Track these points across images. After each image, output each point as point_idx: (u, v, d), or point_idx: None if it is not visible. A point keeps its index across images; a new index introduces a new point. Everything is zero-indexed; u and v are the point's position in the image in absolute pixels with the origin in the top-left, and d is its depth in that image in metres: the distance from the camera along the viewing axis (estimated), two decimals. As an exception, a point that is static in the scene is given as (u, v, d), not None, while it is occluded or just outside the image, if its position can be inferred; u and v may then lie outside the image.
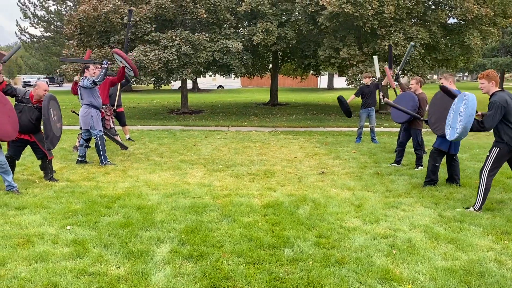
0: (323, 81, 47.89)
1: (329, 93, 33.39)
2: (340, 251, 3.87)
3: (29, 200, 5.28)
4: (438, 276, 3.40)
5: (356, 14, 13.70)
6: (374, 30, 14.63)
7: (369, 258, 3.72)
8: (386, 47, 14.16)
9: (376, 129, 10.56)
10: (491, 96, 4.88)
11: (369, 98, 9.90)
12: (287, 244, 4.02)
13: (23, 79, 52.16)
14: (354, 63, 15.02)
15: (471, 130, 4.95)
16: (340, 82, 40.86)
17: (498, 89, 4.89)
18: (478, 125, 4.91)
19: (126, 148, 8.73)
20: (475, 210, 4.94)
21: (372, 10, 13.71)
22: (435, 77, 68.89)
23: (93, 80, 7.27)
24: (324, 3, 13.85)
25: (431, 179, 6.07)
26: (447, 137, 5.28)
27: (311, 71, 22.32)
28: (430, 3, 16.62)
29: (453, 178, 6.20)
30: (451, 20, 16.64)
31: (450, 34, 16.23)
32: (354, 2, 13.56)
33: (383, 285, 3.28)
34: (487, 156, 4.99)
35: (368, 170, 7.19)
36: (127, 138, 10.19)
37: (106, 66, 7.40)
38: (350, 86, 16.51)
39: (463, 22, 15.69)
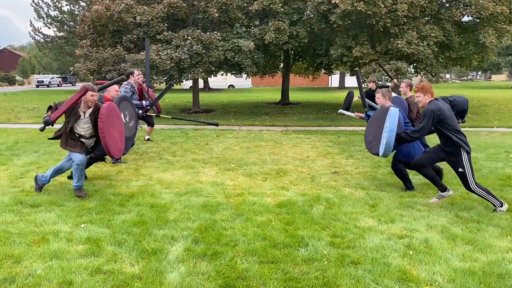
0: (334, 80, 47.81)
1: (341, 92, 33.17)
2: (355, 251, 3.82)
3: (43, 198, 5.31)
4: (456, 277, 3.33)
5: (368, 12, 13.57)
6: (387, 28, 14.47)
7: (385, 258, 3.66)
8: (400, 45, 14.00)
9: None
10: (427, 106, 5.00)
11: (374, 102, 9.76)
12: (301, 243, 3.98)
13: (37, 78, 52.87)
14: (367, 61, 14.89)
15: (401, 141, 5.19)
16: (351, 81, 40.74)
17: (432, 99, 5.00)
18: (407, 136, 5.04)
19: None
20: (498, 207, 4.86)
21: (385, 8, 13.57)
22: (447, 76, 68.14)
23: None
24: (337, 1, 13.74)
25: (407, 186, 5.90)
26: (380, 154, 5.38)
27: (323, 70, 22.20)
28: (444, 0, 16.39)
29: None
30: (465, 18, 16.39)
31: (464, 32, 15.99)
32: (367, 0, 13.42)
33: (401, 286, 3.23)
34: (462, 171, 4.83)
35: (382, 170, 7.11)
36: (145, 139, 10.07)
37: (144, 106, 7.77)
38: (362, 85, 16.37)
39: (478, 20, 15.44)
